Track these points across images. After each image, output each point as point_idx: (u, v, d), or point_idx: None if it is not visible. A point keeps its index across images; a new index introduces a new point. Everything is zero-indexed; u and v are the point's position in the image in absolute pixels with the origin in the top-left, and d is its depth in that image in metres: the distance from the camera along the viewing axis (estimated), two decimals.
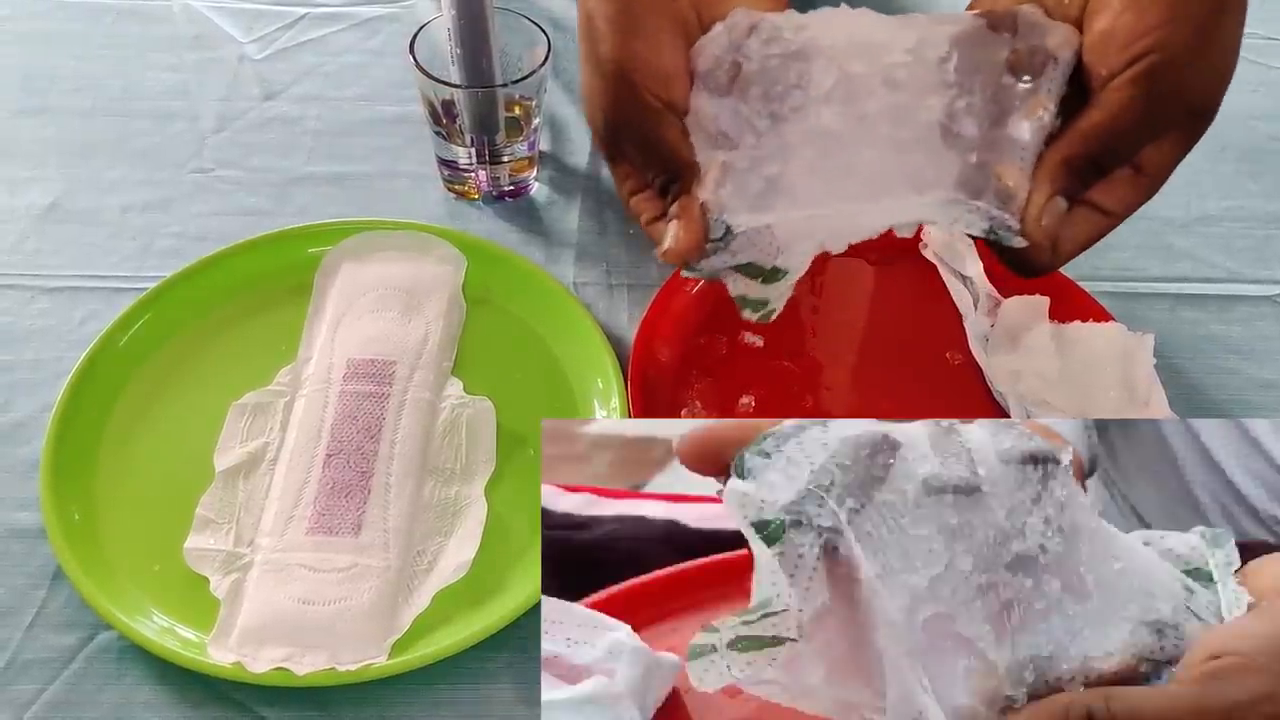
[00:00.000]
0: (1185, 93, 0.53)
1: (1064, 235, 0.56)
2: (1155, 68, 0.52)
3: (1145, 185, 0.56)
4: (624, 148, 0.59)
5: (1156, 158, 0.56)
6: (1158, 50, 0.52)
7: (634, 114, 0.57)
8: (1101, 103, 0.54)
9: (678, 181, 0.57)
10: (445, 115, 0.87)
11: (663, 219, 0.58)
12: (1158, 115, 0.54)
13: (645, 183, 0.59)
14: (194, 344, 0.80)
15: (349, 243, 0.85)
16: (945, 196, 0.57)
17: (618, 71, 0.56)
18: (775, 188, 0.57)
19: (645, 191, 0.60)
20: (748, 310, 0.60)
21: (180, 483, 0.72)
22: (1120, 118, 0.53)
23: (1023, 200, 0.55)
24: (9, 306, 0.82)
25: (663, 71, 0.56)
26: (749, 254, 0.58)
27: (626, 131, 0.58)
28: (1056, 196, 0.55)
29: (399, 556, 0.69)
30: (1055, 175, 0.55)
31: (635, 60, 0.56)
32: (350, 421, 0.74)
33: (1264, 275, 0.91)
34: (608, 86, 0.57)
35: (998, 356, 0.80)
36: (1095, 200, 0.56)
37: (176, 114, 0.98)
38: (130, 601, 0.66)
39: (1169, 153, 0.56)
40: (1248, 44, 1.11)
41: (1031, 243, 0.55)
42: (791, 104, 0.57)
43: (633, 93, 0.56)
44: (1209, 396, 0.82)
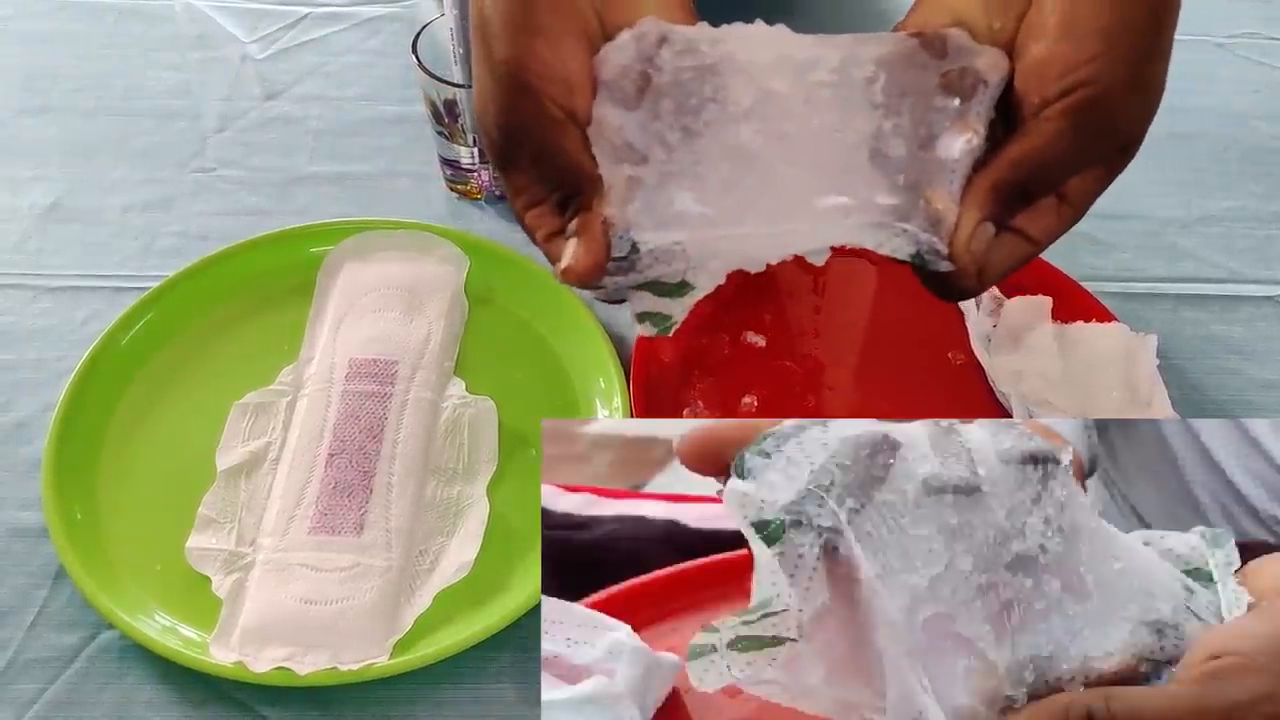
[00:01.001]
0: (1115, 127, 0.53)
1: (989, 261, 0.54)
2: (1089, 100, 0.51)
3: (1069, 215, 0.55)
4: (519, 158, 0.54)
5: (1080, 187, 0.54)
6: (1093, 83, 0.51)
7: (531, 121, 0.52)
8: (1032, 131, 0.53)
9: (578, 196, 0.54)
10: (448, 115, 0.87)
11: (561, 235, 0.55)
12: (1087, 147, 0.53)
13: (542, 196, 0.55)
14: (196, 343, 0.80)
15: (351, 242, 0.85)
16: (871, 219, 0.55)
17: (514, 74, 0.52)
18: (686, 205, 0.54)
19: (541, 206, 0.56)
20: (646, 324, 0.56)
21: (182, 482, 0.72)
22: (1051, 147, 0.52)
23: (951, 224, 0.54)
24: (11, 306, 0.82)
25: (564, 77, 0.52)
26: (655, 271, 0.55)
27: (522, 140, 0.53)
28: (985, 222, 0.53)
29: (401, 556, 0.69)
30: (984, 201, 0.53)
31: (534, 63, 0.52)
32: (352, 421, 0.74)
33: (1266, 276, 0.91)
34: (502, 90, 0.52)
35: (1000, 357, 0.80)
36: (1020, 227, 0.55)
37: (178, 113, 0.99)
38: (132, 601, 0.66)
39: (1092, 184, 0.55)
40: (1251, 44, 1.11)
41: (959, 267, 0.54)
42: (706, 118, 0.54)
43: (530, 98, 0.52)
44: (1211, 397, 0.82)
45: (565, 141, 0.53)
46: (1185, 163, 1.00)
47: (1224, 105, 1.06)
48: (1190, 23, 1.15)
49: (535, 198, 0.55)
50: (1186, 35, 1.11)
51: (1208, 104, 1.06)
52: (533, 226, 0.56)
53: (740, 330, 0.82)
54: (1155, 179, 0.98)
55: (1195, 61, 1.10)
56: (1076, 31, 0.51)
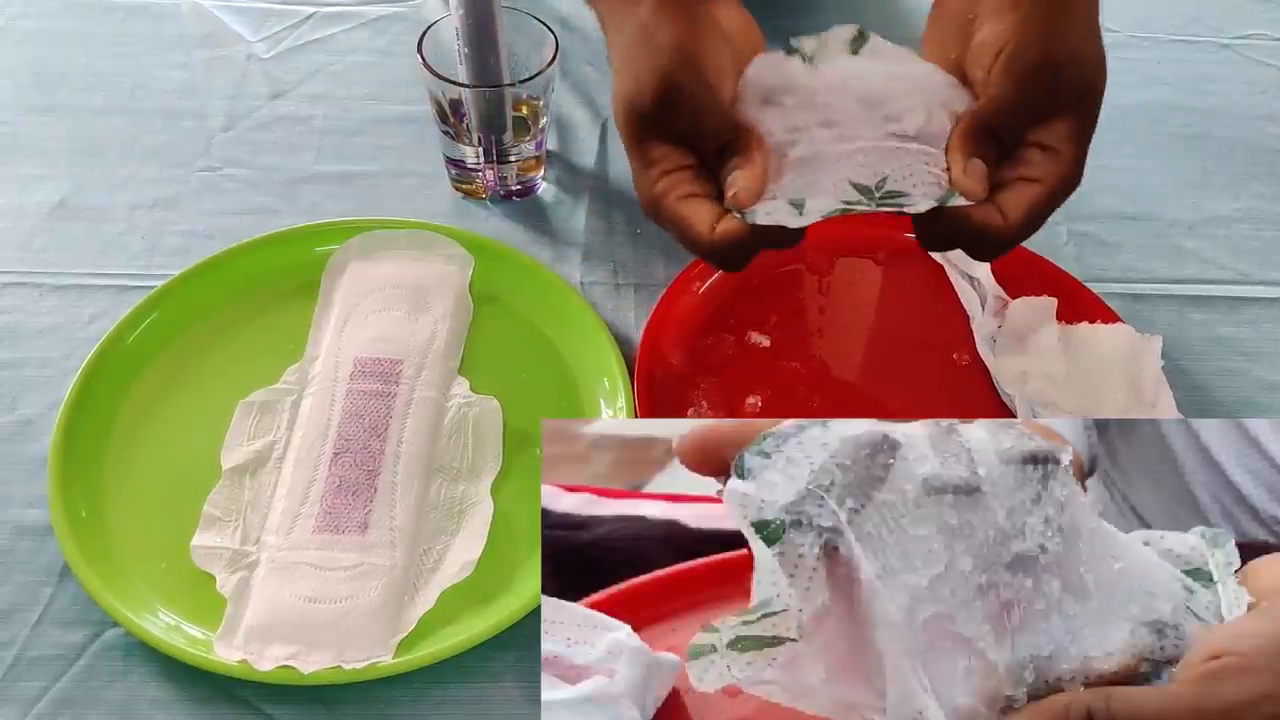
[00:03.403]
0: (1046, 75, 0.63)
1: (1006, 203, 0.63)
2: (1013, 56, 0.63)
3: (1063, 158, 0.64)
4: (672, 120, 0.63)
5: (1058, 134, 0.64)
6: (1012, 43, 0.63)
7: (691, 85, 0.62)
8: (983, 93, 0.65)
9: (734, 144, 0.63)
10: (453, 114, 0.87)
11: (695, 198, 0.63)
12: (1029, 94, 0.63)
13: (680, 163, 0.64)
14: (201, 342, 0.80)
15: (356, 242, 0.85)
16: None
17: (677, 50, 0.62)
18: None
19: (678, 172, 0.64)
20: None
21: (187, 481, 0.72)
22: (999, 98, 0.63)
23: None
24: (18, 304, 0.83)
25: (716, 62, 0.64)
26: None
27: (680, 102, 0.62)
28: (973, 158, 0.63)
29: (405, 555, 0.69)
30: (961, 143, 0.63)
31: (697, 45, 0.63)
32: (357, 420, 0.74)
33: (1272, 277, 0.90)
34: (661, 64, 0.62)
35: (1005, 358, 0.80)
36: (1023, 175, 0.64)
37: (185, 112, 0.99)
38: (137, 599, 0.66)
39: (1066, 130, 0.64)
40: (1258, 45, 1.11)
41: (965, 192, 0.62)
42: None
43: (692, 69, 0.62)
44: (1216, 398, 0.82)
45: (720, 100, 0.64)
46: (1192, 164, 1.00)
47: (1231, 106, 1.06)
48: (1198, 24, 1.16)
49: (673, 164, 0.64)
50: (1194, 36, 1.12)
51: (1215, 105, 1.06)
52: (665, 189, 0.63)
53: (745, 331, 0.82)
54: (1161, 180, 0.98)
55: (1202, 62, 1.10)
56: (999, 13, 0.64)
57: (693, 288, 0.83)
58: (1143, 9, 1.14)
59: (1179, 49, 1.11)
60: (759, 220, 0.62)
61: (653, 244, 0.89)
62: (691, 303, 0.83)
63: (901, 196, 0.63)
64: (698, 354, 0.81)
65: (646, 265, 0.88)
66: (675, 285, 0.82)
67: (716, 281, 0.84)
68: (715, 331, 0.82)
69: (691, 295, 0.83)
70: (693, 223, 0.63)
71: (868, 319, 0.86)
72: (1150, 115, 1.04)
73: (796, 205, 0.62)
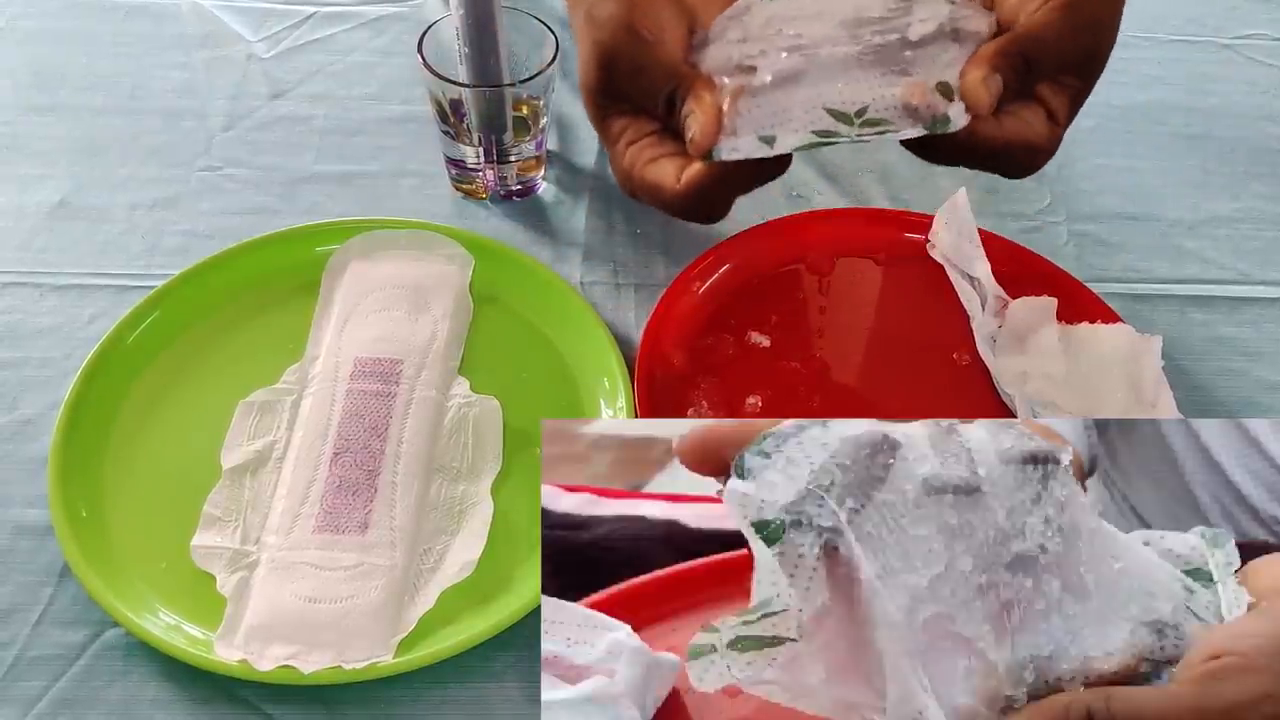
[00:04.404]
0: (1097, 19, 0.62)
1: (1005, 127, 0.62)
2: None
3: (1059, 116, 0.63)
4: (616, 89, 0.63)
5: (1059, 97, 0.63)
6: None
7: (626, 46, 0.62)
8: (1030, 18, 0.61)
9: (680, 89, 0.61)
10: (453, 114, 0.87)
11: (662, 158, 0.62)
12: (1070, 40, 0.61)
13: (644, 130, 0.63)
14: (201, 342, 0.80)
15: (356, 241, 0.85)
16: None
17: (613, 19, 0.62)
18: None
19: (642, 140, 0.63)
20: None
21: (187, 480, 0.72)
22: (1046, 29, 0.61)
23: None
24: (18, 304, 0.83)
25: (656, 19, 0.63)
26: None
27: (617, 66, 0.62)
28: (994, 74, 0.60)
29: (405, 555, 0.69)
30: (991, 58, 0.60)
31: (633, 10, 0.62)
32: (357, 420, 0.74)
33: (1273, 277, 0.90)
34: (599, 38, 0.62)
35: (1005, 358, 0.80)
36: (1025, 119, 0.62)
37: (185, 112, 0.99)
38: (137, 599, 0.66)
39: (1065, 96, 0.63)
40: (1259, 45, 1.12)
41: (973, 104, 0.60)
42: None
43: (626, 33, 0.62)
44: (1217, 398, 0.82)
45: (659, 53, 0.62)
46: (1192, 164, 1.00)
47: (1231, 106, 1.06)
48: (1198, 23, 1.16)
49: (636, 133, 0.64)
50: (1195, 36, 1.12)
51: (1215, 105, 1.05)
52: (633, 159, 0.63)
53: (745, 331, 0.82)
54: (1162, 180, 0.98)
55: (1203, 62, 1.10)
56: None
57: (693, 288, 0.83)
58: (1143, 9, 1.14)
59: (1179, 49, 1.11)
60: (725, 157, 0.61)
61: (653, 244, 0.89)
62: (692, 303, 0.83)
63: (884, 124, 0.62)
64: (698, 354, 0.81)
65: (647, 265, 0.88)
66: (675, 285, 0.82)
67: (717, 281, 0.84)
68: (715, 331, 0.82)
69: (692, 295, 0.83)
70: (660, 182, 0.62)
71: (868, 319, 0.86)
72: (1150, 115, 1.04)
73: (766, 140, 0.61)
